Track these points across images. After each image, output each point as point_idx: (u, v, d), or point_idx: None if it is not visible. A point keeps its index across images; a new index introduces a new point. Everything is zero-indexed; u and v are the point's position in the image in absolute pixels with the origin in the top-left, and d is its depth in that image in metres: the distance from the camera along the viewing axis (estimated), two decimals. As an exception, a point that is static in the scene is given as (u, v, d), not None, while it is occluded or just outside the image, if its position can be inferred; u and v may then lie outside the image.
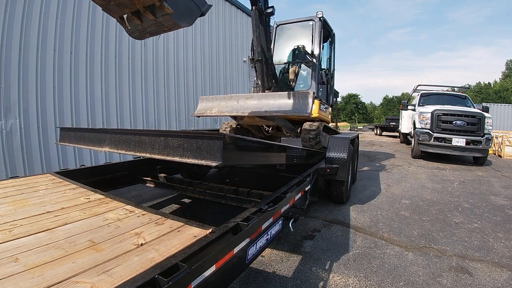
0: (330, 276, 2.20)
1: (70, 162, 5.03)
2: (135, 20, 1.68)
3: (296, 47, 5.11)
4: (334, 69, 5.74)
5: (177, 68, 7.43)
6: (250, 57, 4.25)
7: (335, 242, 2.80)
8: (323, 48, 5.20)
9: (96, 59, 5.51)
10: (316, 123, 4.13)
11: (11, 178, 2.54)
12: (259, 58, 3.86)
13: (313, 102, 3.06)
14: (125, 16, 1.74)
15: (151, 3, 1.51)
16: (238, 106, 3.77)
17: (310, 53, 4.88)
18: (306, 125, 4.12)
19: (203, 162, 1.42)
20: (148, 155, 1.70)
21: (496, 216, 3.60)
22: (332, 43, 5.67)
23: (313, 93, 3.08)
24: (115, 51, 5.87)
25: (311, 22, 5.01)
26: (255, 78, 4.38)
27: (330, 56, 5.65)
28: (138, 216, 1.57)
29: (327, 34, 5.42)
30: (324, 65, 5.41)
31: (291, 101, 3.37)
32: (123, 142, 1.93)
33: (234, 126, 4.79)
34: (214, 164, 1.37)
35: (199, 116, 4.10)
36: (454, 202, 4.18)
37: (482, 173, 6.42)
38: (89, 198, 1.88)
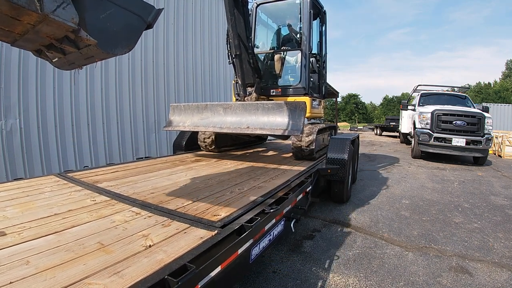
0: (330, 276, 2.23)
1: (70, 162, 5.03)
2: (54, 54, 1.35)
3: (280, 26, 4.46)
4: (326, 53, 5.01)
5: (177, 68, 7.43)
6: (227, 51, 3.60)
7: (335, 242, 2.83)
8: (312, 28, 4.47)
9: (96, 59, 5.52)
10: (308, 139, 3.71)
11: (14, 180, 2.56)
12: (237, 53, 3.30)
13: (305, 114, 2.56)
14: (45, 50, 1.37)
15: (63, 35, 1.15)
16: (215, 120, 2.95)
17: (297, 34, 4.09)
18: (297, 142, 3.66)
19: None
20: None
21: (496, 216, 3.63)
22: (323, 23, 4.92)
23: (305, 103, 2.58)
24: (116, 52, 5.88)
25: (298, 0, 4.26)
26: (234, 76, 3.77)
27: (321, 39, 4.89)
28: (145, 218, 1.60)
29: (317, 11, 4.62)
30: (314, 50, 4.66)
31: (277, 117, 2.64)
32: None
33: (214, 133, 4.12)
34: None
35: (170, 130, 3.35)
36: (454, 202, 4.21)
37: (482, 173, 6.46)
38: (95, 200, 1.91)
